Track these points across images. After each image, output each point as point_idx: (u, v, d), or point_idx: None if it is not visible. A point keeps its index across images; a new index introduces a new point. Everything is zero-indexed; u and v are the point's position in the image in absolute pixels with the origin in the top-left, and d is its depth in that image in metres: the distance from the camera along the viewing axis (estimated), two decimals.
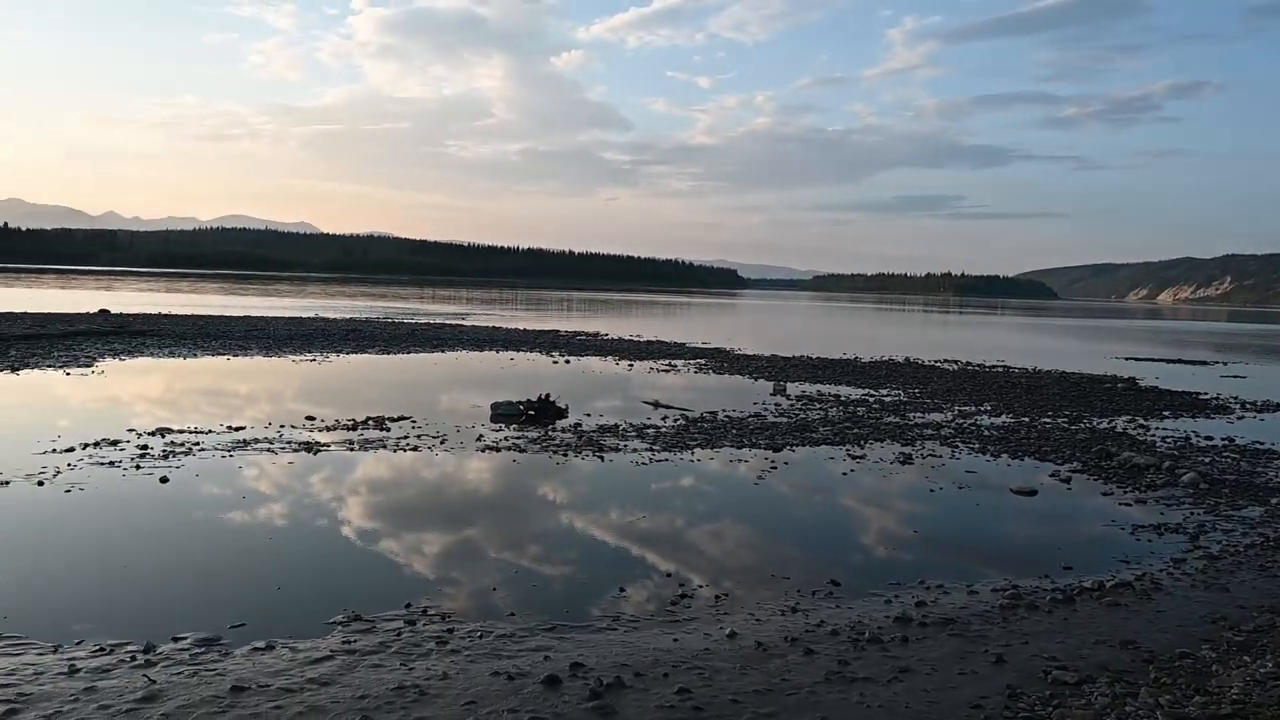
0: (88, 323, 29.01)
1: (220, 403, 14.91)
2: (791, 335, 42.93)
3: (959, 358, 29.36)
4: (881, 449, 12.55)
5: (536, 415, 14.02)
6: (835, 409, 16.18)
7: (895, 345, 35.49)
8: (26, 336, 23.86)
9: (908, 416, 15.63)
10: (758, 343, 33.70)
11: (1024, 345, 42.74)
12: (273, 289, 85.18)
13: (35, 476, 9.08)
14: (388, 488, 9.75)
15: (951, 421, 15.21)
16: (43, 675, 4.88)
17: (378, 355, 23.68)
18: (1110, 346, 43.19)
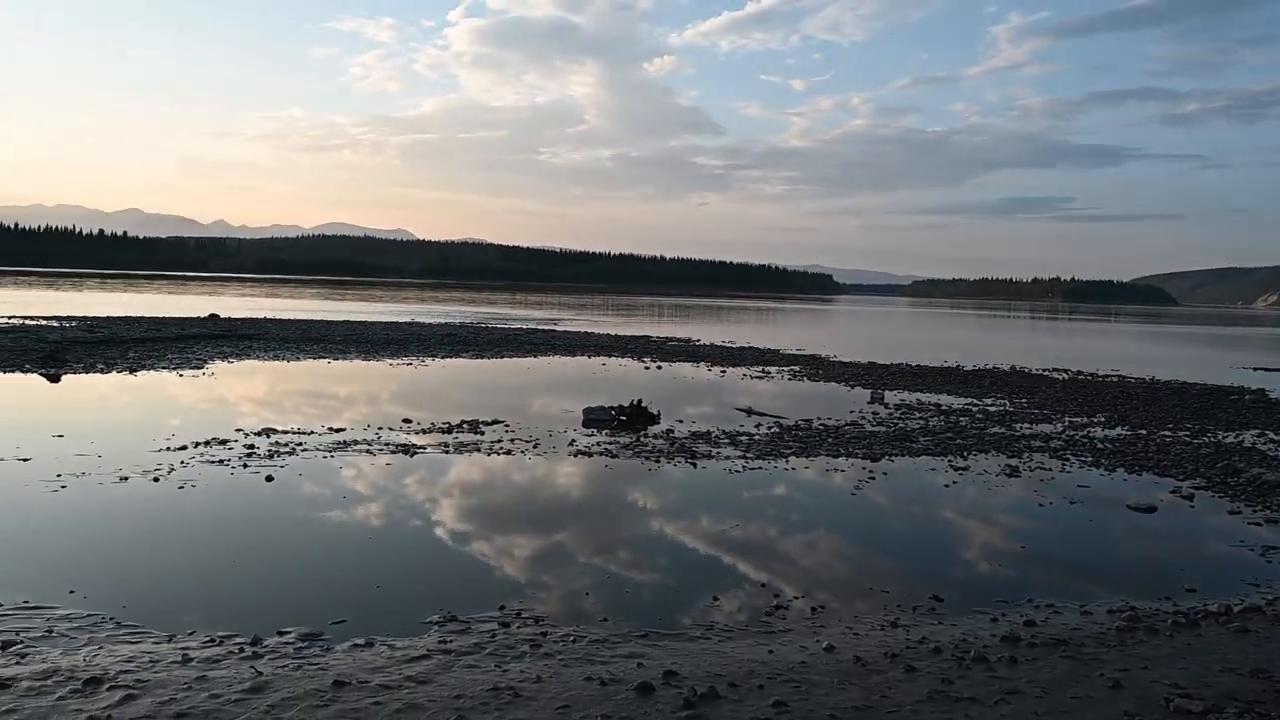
0: (199, 327, 30.59)
1: (321, 404, 15.50)
2: (889, 342, 42.06)
3: (1069, 367, 28.22)
4: (986, 461, 12.16)
5: (628, 421, 14.10)
6: (936, 418, 15.76)
7: (1000, 353, 34.37)
8: (143, 340, 25.33)
9: (1014, 427, 15.10)
10: (853, 349, 33.13)
11: (1140, 354, 40.82)
12: (370, 294, 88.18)
13: (151, 473, 9.62)
14: (481, 490, 9.96)
15: (1062, 433, 14.63)
16: (159, 664, 5.15)
17: (471, 360, 24.23)
18: (1237, 356, 40.82)
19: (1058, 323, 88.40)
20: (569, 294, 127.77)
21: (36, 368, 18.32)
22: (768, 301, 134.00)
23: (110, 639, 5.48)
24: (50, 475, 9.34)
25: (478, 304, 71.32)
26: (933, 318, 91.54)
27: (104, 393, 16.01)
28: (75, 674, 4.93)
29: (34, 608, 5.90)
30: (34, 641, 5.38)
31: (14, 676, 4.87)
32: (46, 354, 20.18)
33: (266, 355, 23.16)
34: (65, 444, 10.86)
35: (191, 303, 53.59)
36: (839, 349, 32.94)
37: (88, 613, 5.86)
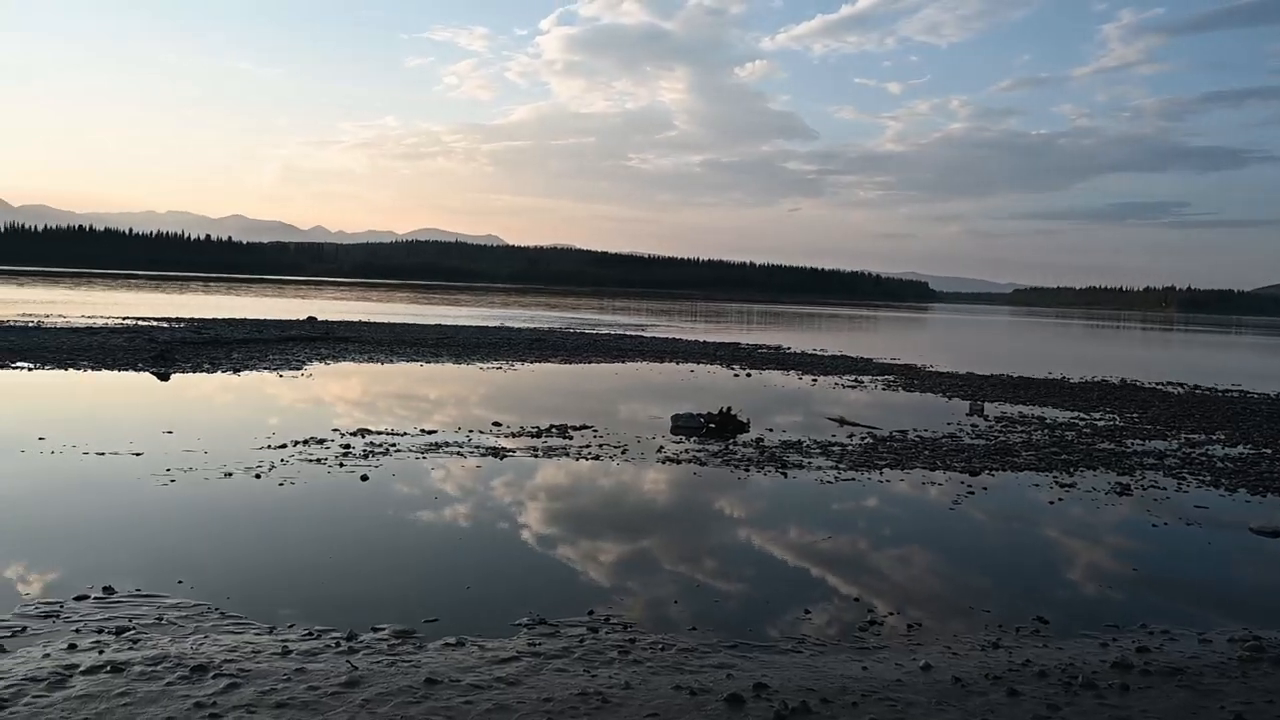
0: (297, 329, 31.82)
1: (413, 406, 15.94)
2: (988, 352, 40.84)
3: (1185, 380, 26.89)
4: (1094, 478, 11.68)
5: (717, 428, 14.06)
6: (1040, 432, 15.22)
7: (1109, 365, 33.00)
8: (246, 341, 26.50)
9: (1124, 443, 14.47)
10: (950, 359, 32.28)
11: (1265, 368, 38.59)
12: (461, 298, 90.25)
13: (253, 470, 10.05)
14: (569, 494, 10.07)
15: (1177, 450, 13.94)
16: (260, 654, 5.37)
17: (560, 364, 24.54)
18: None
19: (1172, 334, 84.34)
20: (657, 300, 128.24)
21: (148, 367, 19.36)
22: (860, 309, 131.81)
23: (215, 629, 5.74)
24: (160, 470, 9.86)
25: (566, 309, 72.25)
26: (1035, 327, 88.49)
27: (209, 391, 16.81)
28: (183, 661, 5.18)
29: (145, 596, 6.23)
30: (145, 628, 5.68)
31: (127, 661, 5.15)
32: (157, 354, 21.31)
33: (361, 357, 23.94)
34: (174, 440, 11.44)
35: (290, 305, 55.82)
36: (935, 359, 32.15)
37: (194, 602, 6.16)
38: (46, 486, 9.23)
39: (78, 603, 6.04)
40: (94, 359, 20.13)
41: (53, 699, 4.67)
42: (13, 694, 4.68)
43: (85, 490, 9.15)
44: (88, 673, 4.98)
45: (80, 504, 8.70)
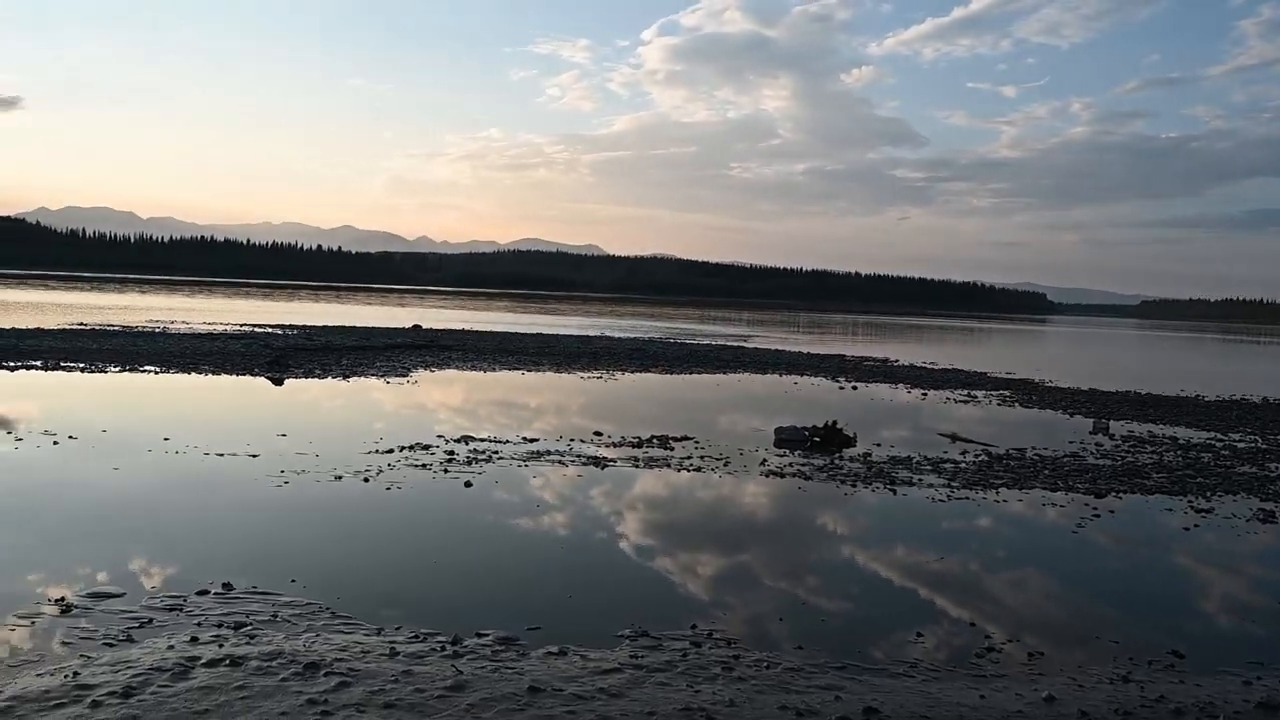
0: (403, 337, 32.89)
1: (515, 414, 16.24)
2: (1113, 367, 39.02)
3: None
4: (1233, 503, 11.00)
5: (822, 442, 13.84)
6: (1172, 453, 14.43)
7: (1249, 383, 31.08)
8: (355, 348, 27.52)
9: (1268, 467, 13.58)
10: (1071, 374, 30.97)
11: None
12: (561, 308, 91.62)
13: (362, 474, 10.41)
14: (670, 506, 10.07)
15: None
16: (368, 654, 5.54)
17: (661, 375, 24.62)
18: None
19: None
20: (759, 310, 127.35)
21: (264, 371, 20.32)
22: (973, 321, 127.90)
23: (326, 628, 5.96)
24: (275, 471, 10.32)
25: (665, 319, 72.49)
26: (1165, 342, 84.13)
27: (320, 396, 17.52)
28: (297, 658, 5.39)
29: (261, 593, 6.52)
30: (261, 625, 5.94)
31: (245, 656, 5.39)
32: (272, 359, 22.35)
33: (465, 365, 24.55)
34: (287, 443, 11.96)
35: (396, 313, 57.77)
36: (1055, 373, 30.90)
37: (306, 601, 6.41)
38: (171, 485, 9.77)
39: (199, 597, 6.36)
40: (214, 363, 21.25)
41: (176, 689, 4.92)
42: (140, 683, 4.96)
43: (206, 489, 9.64)
44: (208, 665, 5.23)
45: (201, 502, 9.18)
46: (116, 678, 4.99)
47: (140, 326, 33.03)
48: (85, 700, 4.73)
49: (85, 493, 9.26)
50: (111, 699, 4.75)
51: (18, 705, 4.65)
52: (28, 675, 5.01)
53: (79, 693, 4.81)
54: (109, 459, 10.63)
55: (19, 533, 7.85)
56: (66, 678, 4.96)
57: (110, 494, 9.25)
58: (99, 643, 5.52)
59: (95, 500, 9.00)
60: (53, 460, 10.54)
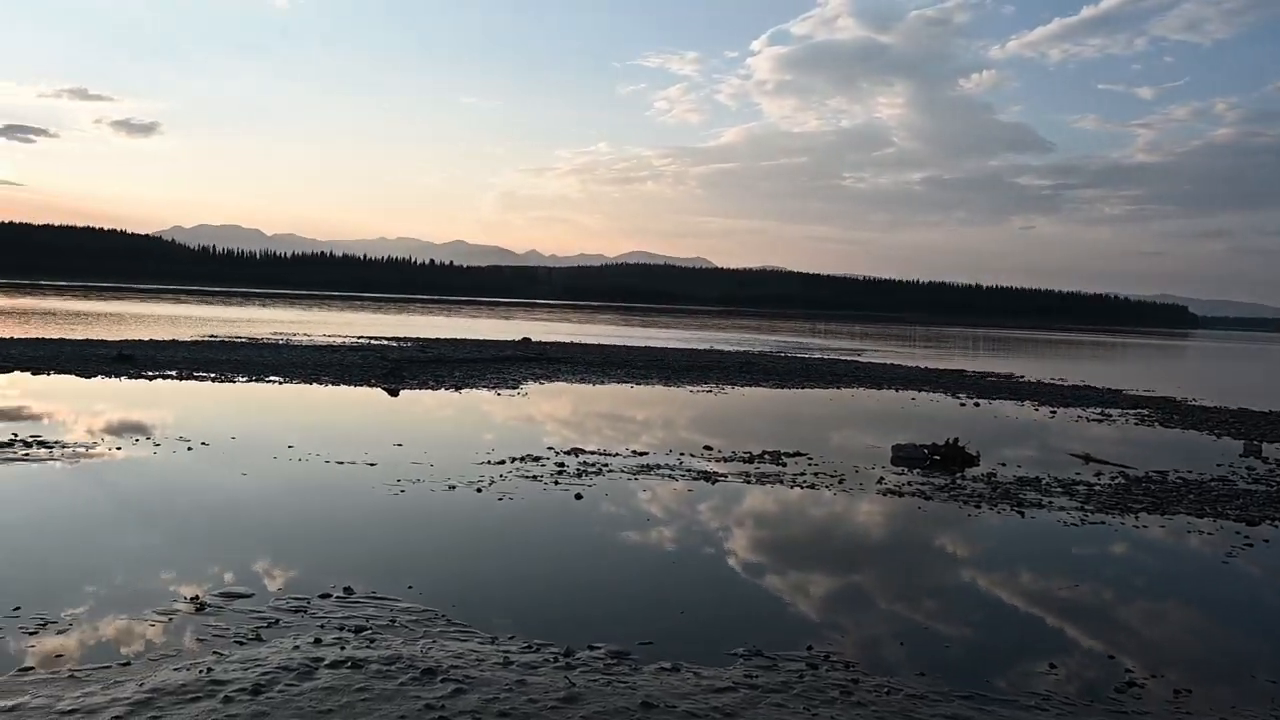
0: (513, 350, 33.61)
1: (624, 427, 16.37)
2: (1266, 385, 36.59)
3: None
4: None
5: (943, 461, 13.45)
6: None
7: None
8: (467, 360, 28.28)
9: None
10: (1218, 393, 29.20)
11: None
12: (669, 321, 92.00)
13: (475, 484, 10.67)
14: (783, 523, 9.96)
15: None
16: (483, 663, 5.66)
17: (771, 389, 24.40)
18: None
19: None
20: (873, 324, 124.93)
21: (380, 382, 21.10)
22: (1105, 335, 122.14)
23: (442, 634, 6.12)
24: (392, 480, 10.68)
25: (776, 333, 71.85)
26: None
27: (434, 407, 18.06)
28: (414, 663, 5.56)
29: (379, 598, 6.75)
30: (380, 629, 6.15)
31: (365, 659, 5.59)
32: (388, 370, 23.19)
33: (573, 378, 24.91)
34: (403, 452, 12.37)
35: (505, 326, 59.13)
36: (1198, 391, 29.19)
37: (423, 607, 6.60)
38: (294, 490, 10.24)
39: (322, 600, 6.64)
40: (334, 374, 22.20)
41: (302, 689, 5.14)
42: (268, 681, 5.20)
43: (327, 496, 10.07)
44: (331, 666, 5.45)
45: (323, 508, 9.59)
46: (246, 675, 5.25)
47: (265, 339, 34.81)
48: (218, 695, 4.99)
49: (216, 496, 9.80)
50: (242, 695, 5.00)
51: (157, 697, 4.95)
52: (165, 669, 5.33)
53: (212, 687, 5.08)
54: (238, 465, 11.22)
55: (157, 532, 8.37)
56: (201, 673, 5.25)
57: (239, 498, 9.76)
58: (230, 640, 5.82)
59: (225, 504, 9.51)
60: (187, 465, 11.20)
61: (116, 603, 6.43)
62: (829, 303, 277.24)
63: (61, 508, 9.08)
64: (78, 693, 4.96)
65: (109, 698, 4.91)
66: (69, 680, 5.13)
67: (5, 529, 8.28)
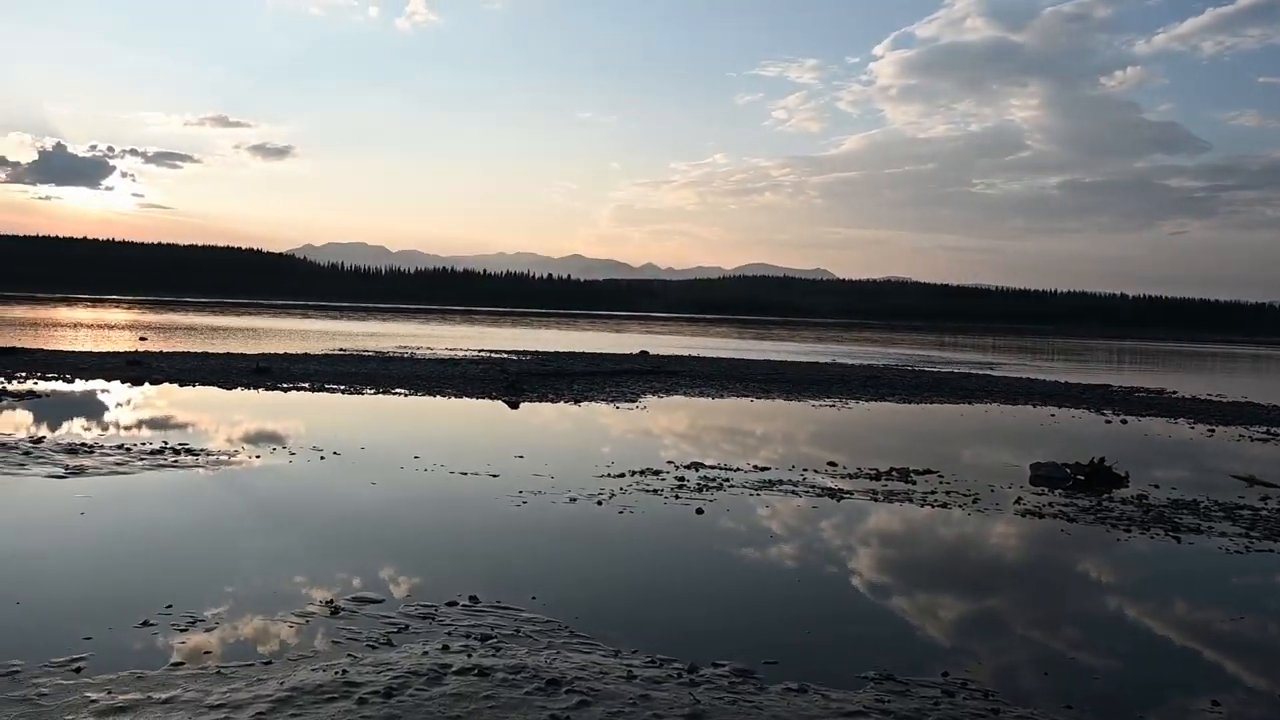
0: (631, 363, 33.91)
1: (744, 442, 16.29)
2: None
3: None
4: None
5: (1087, 481, 12.85)
6: None
7: None
8: (584, 374, 28.70)
9: None
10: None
11: None
12: (790, 334, 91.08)
13: (595, 497, 10.82)
14: (913, 543, 9.71)
15: None
16: (607, 675, 5.73)
17: (898, 404, 23.84)
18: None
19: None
20: (1007, 335, 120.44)
21: (500, 395, 21.65)
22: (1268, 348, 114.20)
23: (566, 646, 6.23)
24: (514, 491, 10.94)
25: (901, 345, 70.18)
26: None
27: (553, 419, 18.41)
28: (539, 673, 5.67)
29: (504, 608, 6.92)
30: (505, 638, 6.30)
31: (491, 667, 5.74)
32: (508, 383, 23.77)
33: (692, 391, 24.95)
34: (524, 464, 12.66)
35: (623, 340, 59.72)
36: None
37: (546, 618, 6.73)
38: (421, 500, 10.61)
39: (449, 608, 6.85)
40: (456, 387, 22.91)
41: (431, 694, 5.32)
42: (399, 684, 5.40)
43: (452, 506, 10.39)
44: (459, 673, 5.62)
45: (448, 517, 9.90)
46: (379, 678, 5.47)
47: (390, 352, 36.25)
48: (353, 696, 5.21)
49: (347, 504, 10.26)
50: (375, 697, 5.21)
51: (296, 695, 5.21)
52: (304, 669, 5.60)
53: (347, 689, 5.31)
54: (367, 474, 11.72)
55: (293, 537, 8.82)
56: (336, 674, 5.50)
57: (368, 506, 10.18)
58: (363, 644, 6.08)
59: (356, 511, 9.94)
60: (320, 474, 11.76)
61: (257, 603, 6.80)
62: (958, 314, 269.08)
63: (206, 512, 9.67)
64: (224, 688, 5.28)
65: (252, 694, 5.20)
66: (216, 676, 5.46)
67: (158, 531, 8.89)
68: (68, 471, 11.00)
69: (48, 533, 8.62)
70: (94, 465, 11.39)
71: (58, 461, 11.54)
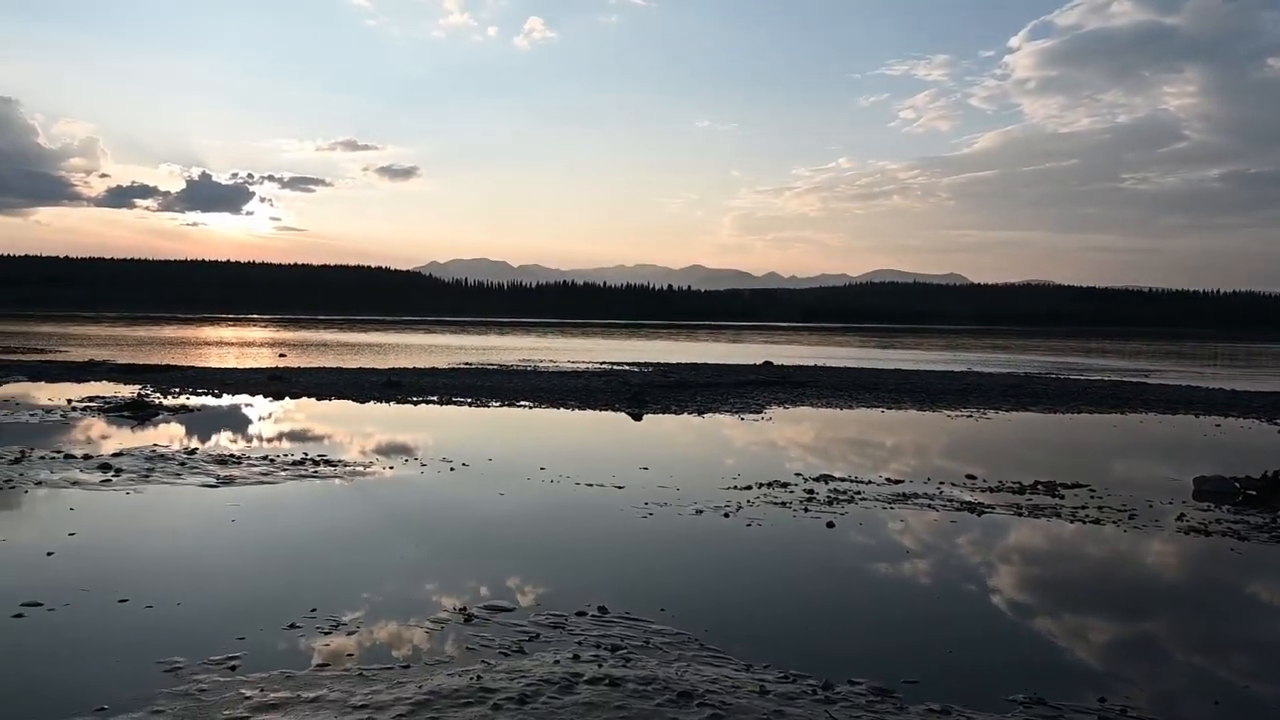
0: (754, 373, 33.73)
1: (875, 454, 15.97)
2: None
3: None
4: None
5: (1260, 496, 12.05)
6: None
7: None
8: (707, 385, 28.71)
9: None
10: None
11: None
12: (921, 342, 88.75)
13: (721, 509, 10.82)
14: (1061, 561, 9.32)
15: None
16: (739, 690, 5.73)
17: (1042, 414, 22.92)
18: None
19: None
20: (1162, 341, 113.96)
21: (623, 407, 21.89)
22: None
23: (696, 658, 6.26)
24: (640, 503, 11.05)
25: (1043, 352, 67.36)
26: None
27: (676, 431, 18.48)
28: (670, 685, 5.72)
29: (633, 619, 7.00)
30: (635, 650, 6.37)
31: (622, 677, 5.82)
32: (631, 395, 24.01)
33: (819, 402, 24.62)
34: (649, 475, 12.77)
35: (745, 350, 59.48)
36: None
37: (675, 630, 6.78)
38: (548, 511, 10.84)
39: (578, 618, 6.98)
40: (579, 399, 23.30)
41: (563, 702, 5.44)
42: (533, 692, 5.55)
43: (578, 516, 10.58)
44: (590, 683, 5.72)
45: (575, 528, 10.08)
46: (512, 685, 5.63)
47: (514, 366, 37.16)
48: (488, 702, 5.38)
49: (477, 514, 10.59)
50: (509, 704, 5.36)
51: (434, 699, 5.41)
52: (440, 674, 5.82)
53: (482, 694, 5.48)
54: (495, 485, 12.05)
55: (426, 546, 9.16)
56: (471, 680, 5.69)
57: (498, 516, 10.47)
58: (496, 650, 6.26)
59: (485, 521, 10.25)
60: (450, 484, 12.17)
61: (393, 609, 7.10)
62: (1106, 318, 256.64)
63: (344, 521, 10.15)
64: (366, 690, 5.54)
65: (393, 697, 5.44)
66: (358, 678, 5.73)
67: (301, 538, 9.38)
68: (218, 481, 11.75)
69: (203, 539, 9.22)
70: (242, 475, 12.13)
71: (209, 472, 12.33)
